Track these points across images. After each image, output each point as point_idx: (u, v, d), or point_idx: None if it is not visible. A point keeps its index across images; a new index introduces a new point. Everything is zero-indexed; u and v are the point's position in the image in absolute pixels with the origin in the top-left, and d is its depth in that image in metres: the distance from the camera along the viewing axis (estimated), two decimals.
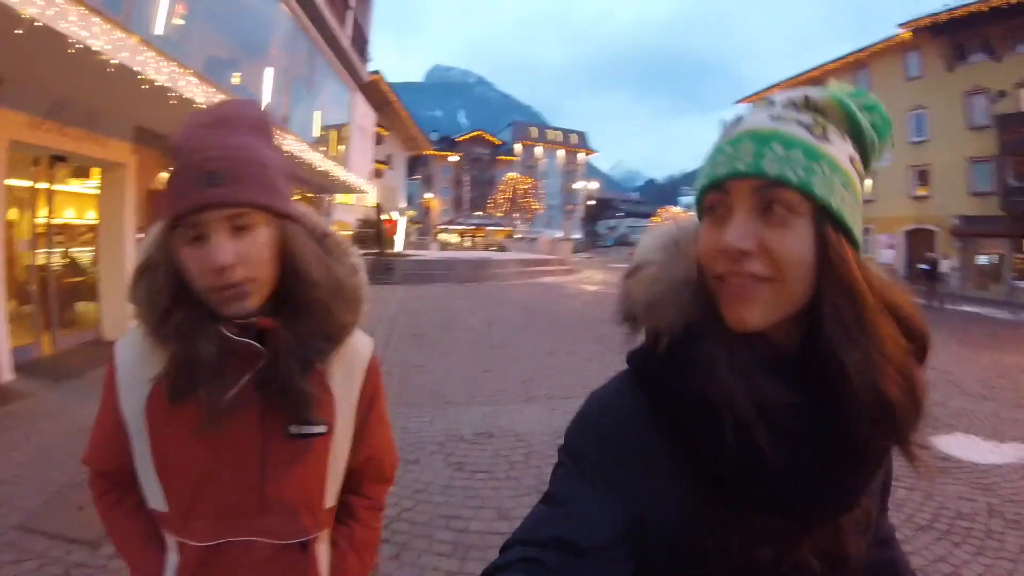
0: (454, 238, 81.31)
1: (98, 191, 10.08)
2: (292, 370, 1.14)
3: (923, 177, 32.75)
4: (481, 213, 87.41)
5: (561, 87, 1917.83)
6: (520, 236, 63.05)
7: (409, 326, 11.96)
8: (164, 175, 9.13)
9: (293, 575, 1.26)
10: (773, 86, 46.03)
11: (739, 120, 0.82)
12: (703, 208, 0.81)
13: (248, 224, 1.08)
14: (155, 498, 1.22)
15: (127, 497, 1.31)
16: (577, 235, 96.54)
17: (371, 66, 25.08)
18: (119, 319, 9.96)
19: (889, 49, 34.58)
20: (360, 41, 22.55)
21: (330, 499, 1.33)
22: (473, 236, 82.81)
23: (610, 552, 0.73)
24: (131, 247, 10.00)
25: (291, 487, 1.23)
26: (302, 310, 1.17)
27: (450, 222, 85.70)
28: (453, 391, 7.27)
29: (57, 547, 3.64)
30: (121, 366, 1.23)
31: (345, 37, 19.12)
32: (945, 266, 26.53)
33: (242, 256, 1.06)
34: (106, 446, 1.29)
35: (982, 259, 30.16)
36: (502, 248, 48.93)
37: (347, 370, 1.32)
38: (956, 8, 29.69)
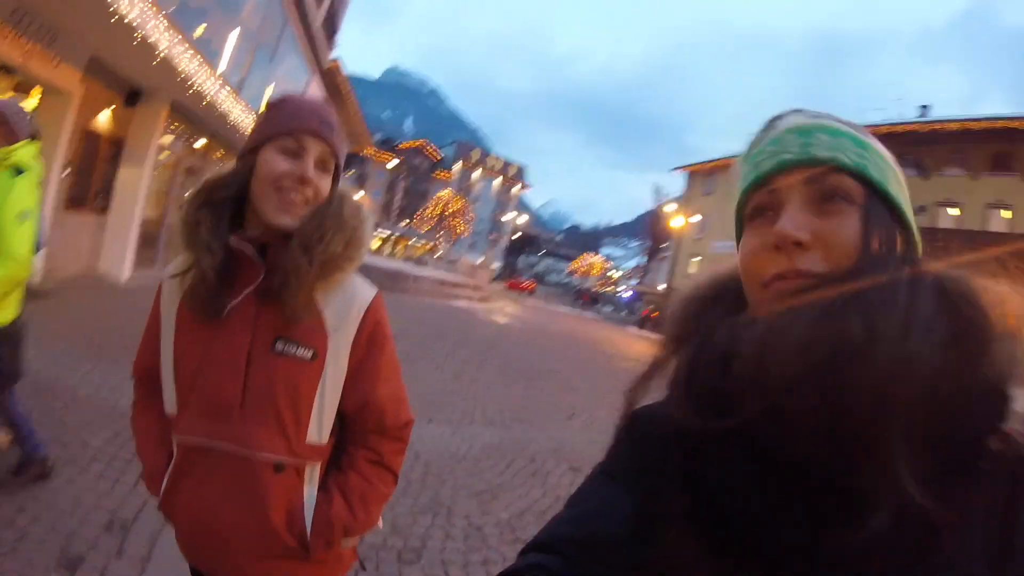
0: (376, 243, 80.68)
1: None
2: (284, 285, 1.31)
3: None
4: (408, 223, 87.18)
5: (511, 114, 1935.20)
6: (441, 254, 63.11)
7: None
8: (107, 112, 8.80)
9: (263, 497, 1.35)
10: (715, 160, 48.12)
11: (774, 123, 0.78)
12: (744, 218, 0.77)
13: (327, 170, 1.40)
14: (169, 400, 1.42)
15: (154, 405, 1.48)
16: (497, 264, 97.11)
17: (333, 54, 24.77)
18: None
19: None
20: (331, 25, 22.25)
21: (315, 433, 1.40)
22: (395, 245, 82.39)
23: (617, 553, 0.71)
24: (55, 181, 9.31)
25: (272, 402, 1.34)
26: (305, 236, 1.34)
27: (376, 225, 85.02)
28: None
29: None
30: (166, 278, 1.45)
31: (318, 19, 18.82)
32: None
33: (315, 184, 1.36)
34: (146, 349, 1.53)
35: None
36: (422, 262, 48.71)
37: (343, 307, 1.42)
38: (897, 124, 33.14)
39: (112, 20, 7.03)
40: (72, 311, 8.24)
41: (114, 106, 10.70)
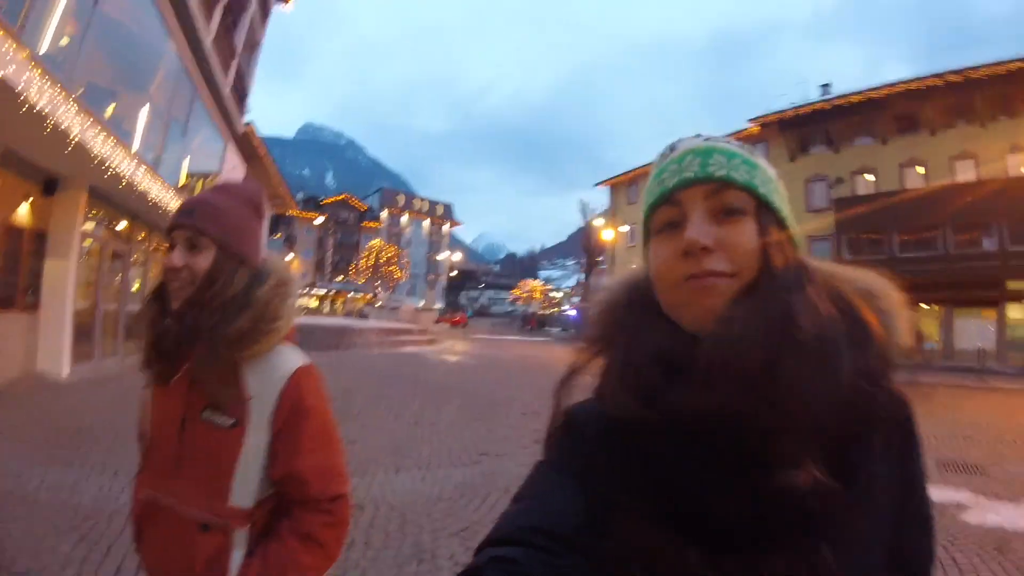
0: (314, 302, 79.71)
1: None
2: (202, 361, 1.46)
3: None
4: (343, 278, 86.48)
5: (431, 155, 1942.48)
6: (382, 304, 62.64)
7: None
8: (26, 205, 8.62)
9: (191, 552, 1.46)
10: (634, 170, 49.28)
11: (675, 146, 0.88)
12: (652, 229, 0.86)
13: (199, 245, 1.51)
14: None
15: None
16: (439, 305, 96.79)
17: (246, 118, 24.58)
18: None
19: (738, 141, 38.72)
20: (241, 91, 22.10)
21: (238, 497, 1.48)
22: (334, 301, 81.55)
23: (576, 538, 0.75)
24: None
25: (199, 464, 1.48)
26: (206, 314, 1.48)
27: (311, 285, 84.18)
28: None
29: None
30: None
31: (227, 86, 18.69)
32: None
33: (188, 264, 1.49)
34: (140, 418, 1.67)
35: None
36: (363, 315, 48.23)
37: (264, 379, 1.51)
38: (801, 106, 35.47)
39: (22, 111, 6.93)
40: (17, 415, 7.98)
41: (32, 197, 10.44)
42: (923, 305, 31.20)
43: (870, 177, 33.76)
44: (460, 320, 76.31)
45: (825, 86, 36.82)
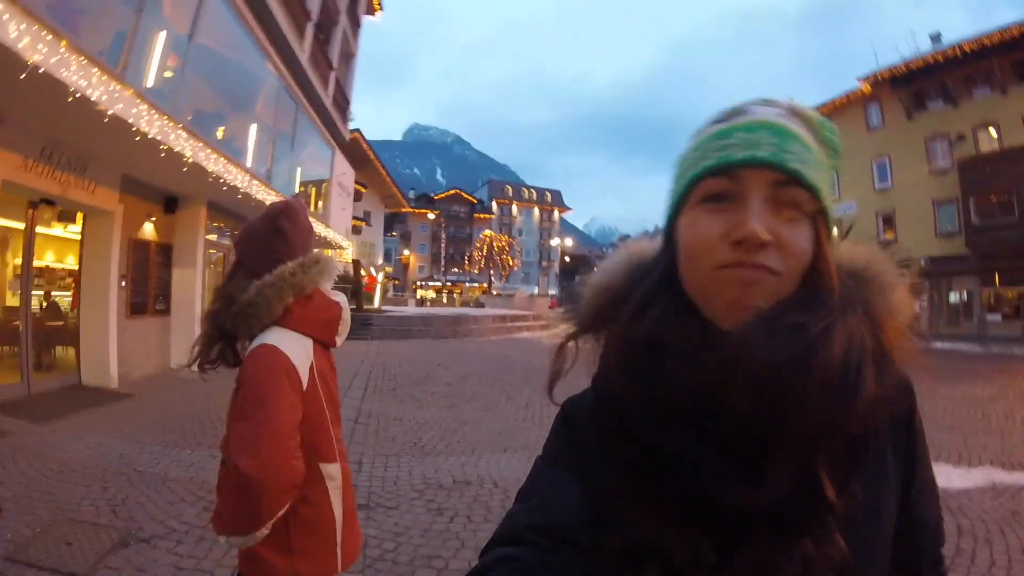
0: (431, 294, 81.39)
1: (79, 236, 10.15)
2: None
3: (889, 222, 33.65)
4: (458, 270, 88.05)
5: (537, 146, 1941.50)
6: (497, 292, 63.13)
7: (386, 380, 11.87)
8: (149, 224, 9.36)
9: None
10: None
11: (741, 110, 0.79)
12: (692, 196, 0.78)
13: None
14: None
15: None
16: (553, 291, 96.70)
17: (351, 124, 25.50)
18: (99, 365, 9.98)
19: (850, 102, 35.47)
20: (342, 101, 22.99)
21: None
22: (450, 292, 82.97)
23: (579, 535, 0.74)
24: (114, 293, 10.07)
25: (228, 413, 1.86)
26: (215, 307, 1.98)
27: (427, 278, 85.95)
28: (430, 442, 7.37)
29: None
30: None
31: (327, 97, 19.52)
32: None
33: None
34: None
35: (952, 297, 30.84)
36: (479, 304, 48.94)
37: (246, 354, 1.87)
38: (912, 59, 31.34)
39: (135, 140, 7.56)
40: (153, 406, 8.85)
41: (155, 217, 11.35)
42: None
43: (993, 132, 29.28)
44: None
45: (936, 36, 32.45)
